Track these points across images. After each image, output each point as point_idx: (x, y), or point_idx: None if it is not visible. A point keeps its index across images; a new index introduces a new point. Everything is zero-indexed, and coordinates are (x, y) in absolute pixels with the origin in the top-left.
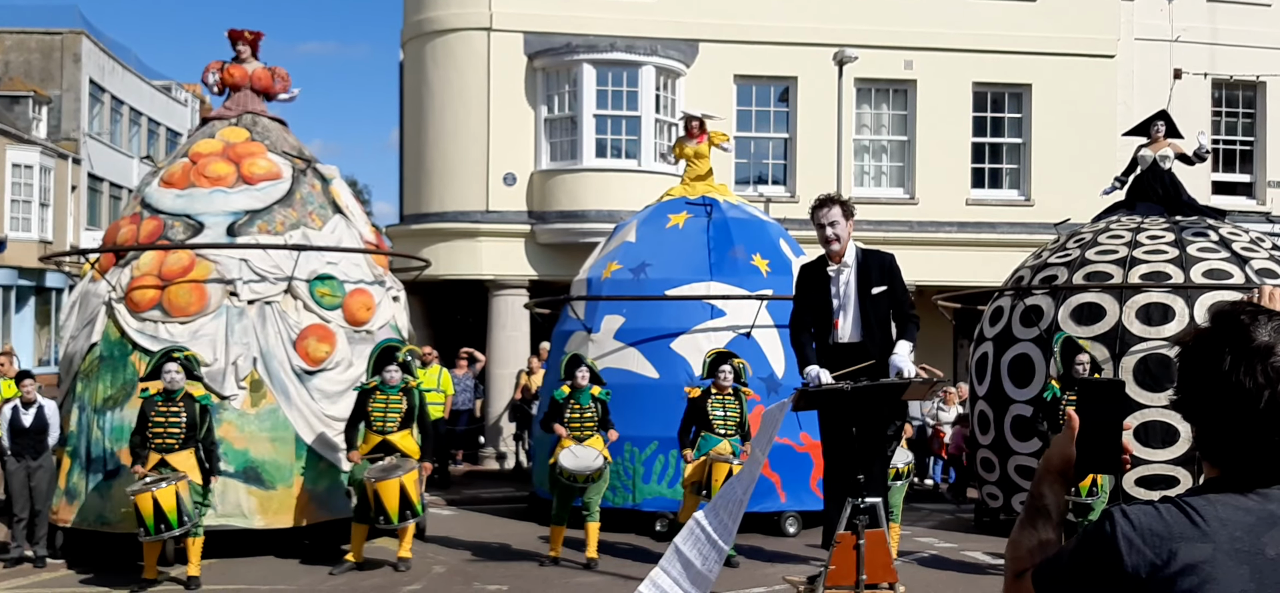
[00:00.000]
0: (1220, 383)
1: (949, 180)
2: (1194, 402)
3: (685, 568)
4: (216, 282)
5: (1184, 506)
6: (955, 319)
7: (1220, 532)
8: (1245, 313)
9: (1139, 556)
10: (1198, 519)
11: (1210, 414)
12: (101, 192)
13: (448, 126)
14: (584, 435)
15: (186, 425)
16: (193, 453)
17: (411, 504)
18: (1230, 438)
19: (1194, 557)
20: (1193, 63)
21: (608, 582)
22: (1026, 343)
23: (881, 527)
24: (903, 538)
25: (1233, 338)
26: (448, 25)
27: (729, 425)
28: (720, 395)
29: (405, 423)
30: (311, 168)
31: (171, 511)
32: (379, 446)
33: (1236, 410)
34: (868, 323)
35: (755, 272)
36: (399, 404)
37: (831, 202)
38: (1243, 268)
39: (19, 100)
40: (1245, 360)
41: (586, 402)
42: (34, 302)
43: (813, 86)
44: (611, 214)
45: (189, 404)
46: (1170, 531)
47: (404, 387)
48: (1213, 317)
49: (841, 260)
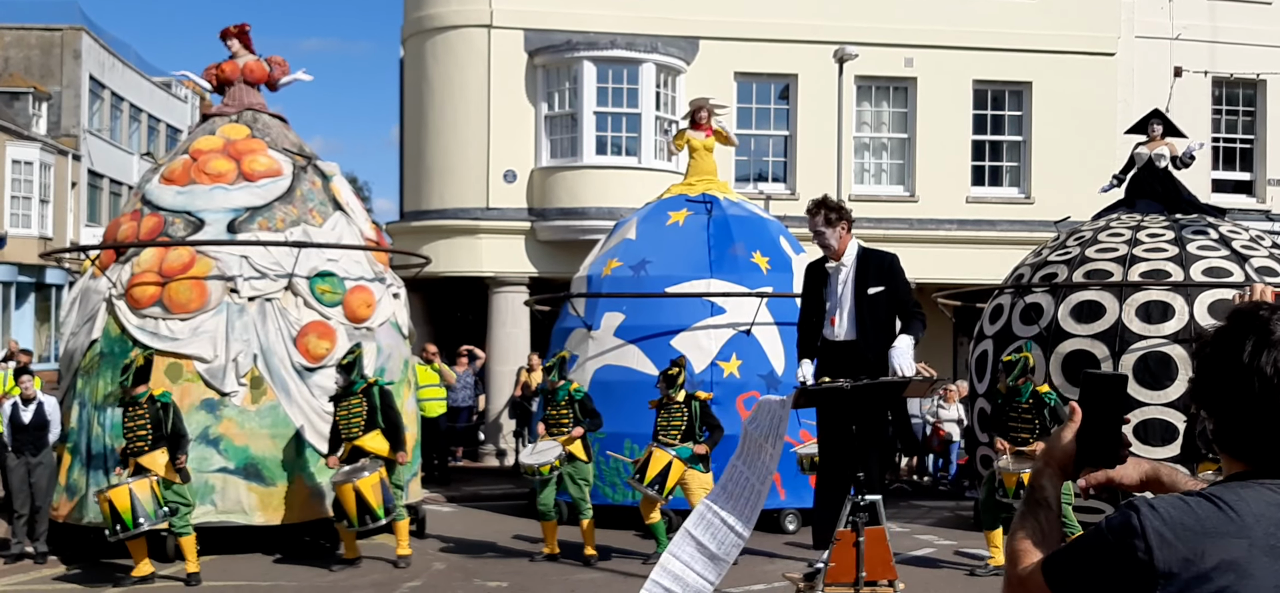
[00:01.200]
0: (1243, 375)
1: (949, 178)
2: (1215, 396)
3: (698, 550)
4: (217, 278)
5: (1214, 498)
6: (955, 317)
7: (1255, 527)
8: (1265, 309)
9: (1171, 552)
10: (1230, 513)
11: (1233, 407)
12: (101, 188)
13: (448, 123)
14: (560, 430)
15: (152, 425)
16: (163, 451)
17: (371, 509)
18: (1254, 430)
19: (1230, 553)
20: (1193, 61)
21: (607, 578)
22: (1027, 341)
23: (881, 524)
24: (902, 536)
25: (1254, 332)
26: (448, 22)
27: (671, 433)
28: (667, 406)
29: (369, 425)
30: (312, 165)
31: (125, 510)
32: (353, 451)
33: (1260, 402)
34: (863, 322)
35: (755, 269)
36: (359, 408)
37: (816, 209)
38: (1242, 266)
39: (19, 96)
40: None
41: (562, 398)
42: (34, 298)
43: (813, 84)
44: (612, 211)
45: (150, 405)
46: (1202, 525)
47: (362, 388)
48: (1233, 314)
49: (840, 259)
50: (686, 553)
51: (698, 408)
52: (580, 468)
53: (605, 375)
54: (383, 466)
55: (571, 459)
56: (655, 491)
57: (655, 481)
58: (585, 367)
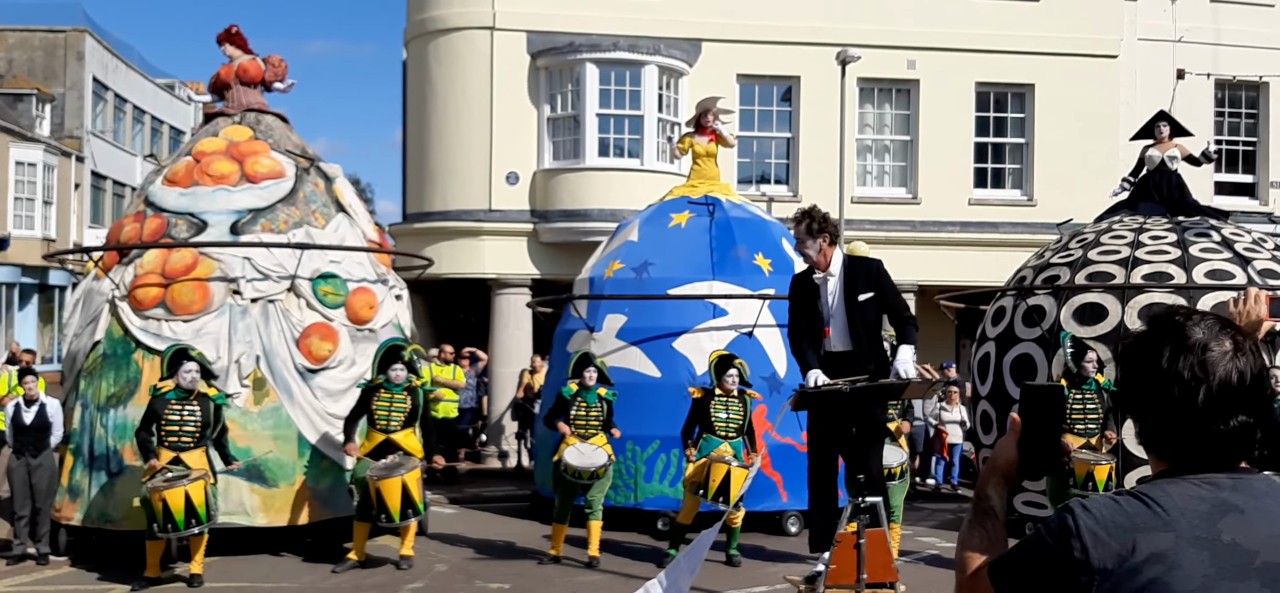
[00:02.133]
0: (1161, 379)
1: (951, 180)
2: (1137, 399)
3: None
4: (220, 280)
5: (1142, 496)
6: (958, 319)
7: (1181, 520)
8: (1181, 314)
9: (1104, 548)
10: (1157, 508)
11: (1154, 410)
12: (104, 189)
13: (450, 125)
14: (588, 434)
15: (201, 424)
16: (203, 452)
17: (413, 503)
18: (1174, 431)
19: (1157, 546)
20: (1196, 63)
21: (609, 581)
22: (1029, 343)
23: (882, 526)
24: (904, 538)
25: (1171, 338)
26: (451, 24)
27: (731, 428)
28: (724, 398)
29: (408, 422)
30: (315, 166)
31: (179, 512)
32: (382, 444)
33: (1178, 404)
34: (856, 331)
35: (758, 271)
36: (403, 403)
37: (801, 218)
38: (1245, 268)
39: (22, 98)
40: (1182, 356)
41: (593, 401)
42: (37, 300)
43: (815, 86)
44: (614, 213)
45: (204, 403)
46: (1132, 521)
47: (408, 386)
48: (1152, 319)
49: (827, 269)
50: None
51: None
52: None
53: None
54: (418, 463)
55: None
56: (723, 502)
57: (719, 491)
58: None
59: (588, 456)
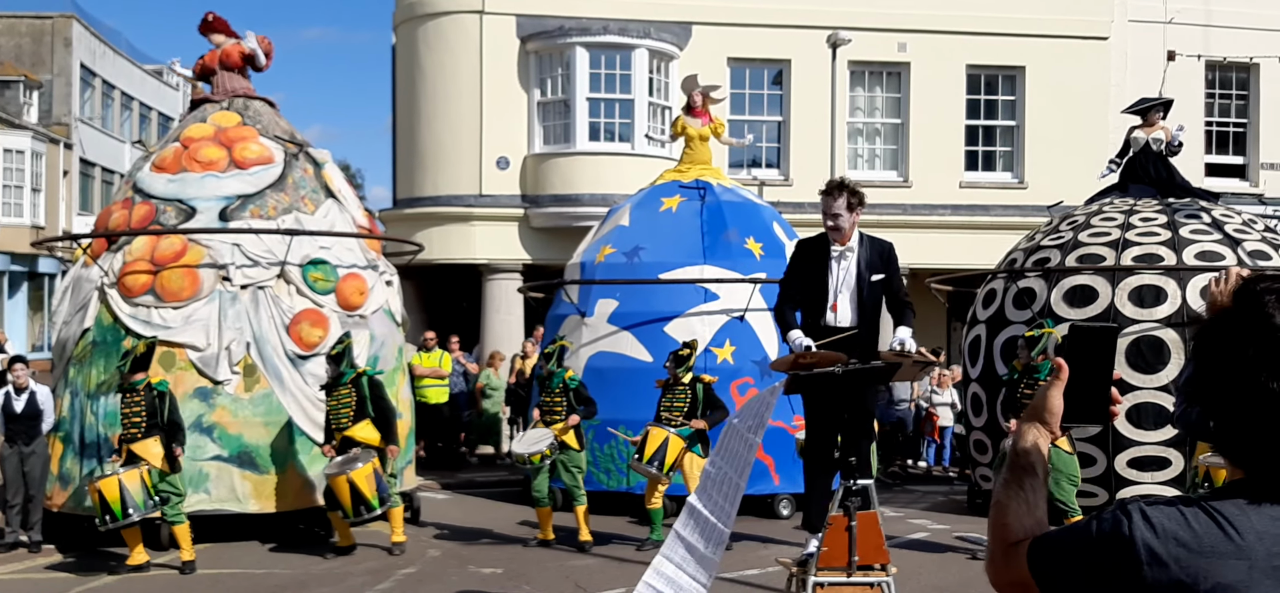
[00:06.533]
0: (1244, 381)
1: (942, 163)
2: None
3: (689, 552)
4: (209, 267)
5: (1215, 513)
6: (949, 302)
7: (1257, 547)
8: (1272, 293)
9: (1161, 570)
10: (1231, 531)
11: (1233, 412)
12: (93, 176)
13: (440, 110)
14: (554, 418)
15: (146, 413)
16: (158, 439)
17: (365, 500)
18: (1257, 440)
19: (1227, 576)
20: (1186, 45)
21: (601, 564)
22: (1020, 325)
23: (874, 509)
24: (896, 520)
25: (1257, 328)
26: (440, 8)
27: (673, 413)
28: (666, 393)
29: (359, 415)
30: (304, 152)
31: (115, 501)
32: (342, 442)
33: (1263, 411)
34: (864, 309)
35: (749, 255)
36: (348, 398)
37: (838, 191)
38: (1235, 250)
39: (10, 85)
40: (1272, 356)
41: (556, 386)
42: (26, 287)
43: (806, 69)
44: (605, 198)
45: (147, 393)
46: (1200, 543)
47: (351, 379)
48: (1236, 295)
49: (846, 244)
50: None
51: (702, 391)
52: (573, 456)
53: (599, 362)
54: (376, 456)
55: (564, 448)
56: (655, 467)
57: (654, 457)
58: (579, 353)
59: (530, 442)
